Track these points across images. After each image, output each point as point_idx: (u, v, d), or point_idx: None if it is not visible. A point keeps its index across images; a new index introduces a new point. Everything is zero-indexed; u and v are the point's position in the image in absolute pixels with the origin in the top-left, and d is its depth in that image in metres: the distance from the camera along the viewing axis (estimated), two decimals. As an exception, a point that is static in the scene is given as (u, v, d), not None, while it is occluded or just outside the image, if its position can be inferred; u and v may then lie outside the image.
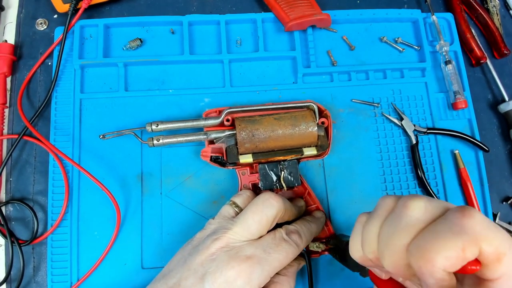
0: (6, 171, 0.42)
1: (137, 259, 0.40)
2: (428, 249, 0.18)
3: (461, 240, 0.18)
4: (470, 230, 0.18)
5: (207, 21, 0.47)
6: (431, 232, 0.19)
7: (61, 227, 0.40)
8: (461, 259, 0.18)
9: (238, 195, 0.37)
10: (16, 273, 0.40)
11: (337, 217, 0.42)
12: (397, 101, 0.47)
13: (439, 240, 0.18)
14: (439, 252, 0.18)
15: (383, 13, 0.49)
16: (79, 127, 0.43)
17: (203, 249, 0.31)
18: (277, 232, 0.33)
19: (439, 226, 0.19)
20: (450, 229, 0.18)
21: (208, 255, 0.31)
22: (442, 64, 0.48)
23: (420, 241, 0.19)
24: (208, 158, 0.40)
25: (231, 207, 0.35)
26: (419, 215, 0.21)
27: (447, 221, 0.19)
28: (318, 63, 0.47)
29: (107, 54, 0.45)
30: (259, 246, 0.31)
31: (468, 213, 0.19)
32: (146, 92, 0.44)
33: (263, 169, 0.39)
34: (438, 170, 0.45)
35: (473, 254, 0.18)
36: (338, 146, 0.44)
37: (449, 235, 0.18)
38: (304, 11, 0.46)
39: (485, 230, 0.18)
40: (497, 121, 0.50)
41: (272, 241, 0.32)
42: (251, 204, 0.34)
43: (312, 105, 0.41)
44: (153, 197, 0.42)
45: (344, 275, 0.41)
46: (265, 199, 0.33)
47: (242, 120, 0.39)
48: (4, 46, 0.44)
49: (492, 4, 0.53)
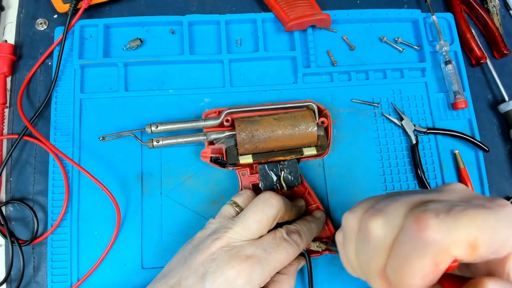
0: (6, 171, 0.42)
1: (137, 259, 0.40)
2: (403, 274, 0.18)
3: (429, 256, 0.17)
4: (432, 242, 0.17)
5: (207, 21, 0.47)
6: (399, 253, 0.19)
7: (61, 227, 0.40)
8: (438, 271, 0.18)
9: (239, 194, 0.37)
10: (16, 273, 0.40)
11: (337, 217, 0.42)
12: (397, 101, 0.47)
13: (409, 262, 0.18)
14: (414, 274, 0.18)
15: (383, 13, 0.49)
16: (79, 127, 0.43)
17: (203, 249, 0.31)
18: (277, 231, 0.33)
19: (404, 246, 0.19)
20: (415, 247, 0.18)
21: (209, 255, 0.31)
22: (442, 64, 0.48)
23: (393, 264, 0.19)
24: (208, 159, 0.40)
25: (231, 206, 0.35)
26: (382, 235, 0.20)
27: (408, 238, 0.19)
28: (318, 63, 0.47)
29: (107, 54, 0.45)
30: (260, 245, 0.31)
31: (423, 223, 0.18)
32: (146, 92, 0.44)
33: (263, 169, 0.39)
34: (438, 170, 0.45)
35: (447, 261, 0.18)
36: (338, 146, 0.44)
37: (416, 254, 0.18)
38: (304, 11, 0.46)
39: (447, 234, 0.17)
40: (497, 121, 0.50)
41: (272, 241, 0.32)
42: (251, 204, 0.34)
43: (311, 105, 0.41)
44: (153, 197, 0.42)
45: (344, 275, 0.41)
46: (266, 198, 0.33)
47: (242, 121, 0.39)
48: (4, 46, 0.44)
49: (492, 4, 0.53)
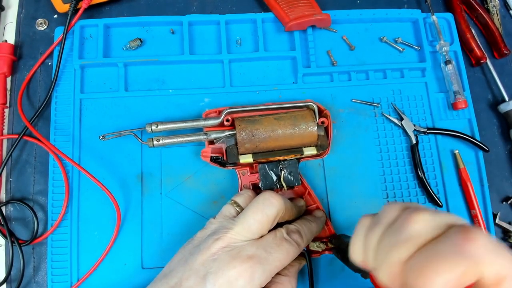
0: (6, 171, 0.42)
1: (137, 259, 0.40)
2: (428, 269, 0.18)
3: (463, 264, 0.17)
4: (472, 254, 0.18)
5: (207, 21, 0.47)
6: (432, 251, 0.19)
7: (61, 227, 0.40)
8: (460, 283, 0.18)
9: (239, 194, 0.37)
10: (16, 273, 0.40)
11: (337, 217, 0.42)
12: (397, 101, 0.47)
13: (440, 261, 0.18)
14: (439, 274, 0.18)
15: (383, 13, 0.49)
16: (79, 127, 0.43)
17: (204, 249, 0.31)
18: (277, 231, 0.33)
19: (441, 246, 0.19)
20: (453, 251, 0.18)
21: (210, 255, 0.31)
22: (442, 64, 0.48)
23: (420, 258, 0.19)
24: (208, 159, 0.40)
25: (232, 206, 0.35)
26: (421, 229, 0.20)
27: (450, 240, 0.19)
28: (318, 63, 0.47)
29: (107, 54, 0.45)
30: (260, 245, 0.31)
31: (471, 235, 0.18)
32: (146, 92, 0.44)
33: (263, 169, 0.39)
34: (438, 170, 0.45)
35: (473, 278, 0.18)
36: (338, 146, 0.44)
37: (451, 257, 0.18)
38: (304, 11, 0.46)
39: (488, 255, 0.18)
40: (497, 121, 0.50)
41: (273, 241, 0.32)
42: (251, 204, 0.34)
43: (312, 105, 0.41)
44: (153, 197, 0.42)
45: (345, 275, 0.41)
46: (266, 198, 0.33)
47: (242, 120, 0.39)
48: (4, 46, 0.44)
49: (492, 4, 0.53)
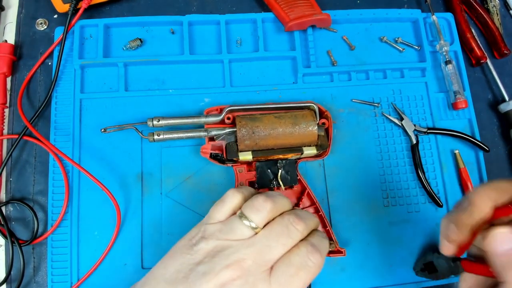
0: (6, 171, 0.42)
1: (137, 259, 0.40)
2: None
3: None
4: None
5: (207, 21, 0.47)
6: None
7: (61, 227, 0.40)
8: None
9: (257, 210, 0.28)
10: (16, 273, 0.40)
11: (337, 217, 0.42)
12: (397, 101, 0.47)
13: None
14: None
15: (383, 13, 0.49)
16: (79, 127, 0.43)
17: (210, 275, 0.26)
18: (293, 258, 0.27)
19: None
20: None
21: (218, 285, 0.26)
22: (442, 64, 0.48)
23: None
24: (207, 155, 0.40)
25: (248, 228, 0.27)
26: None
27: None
28: (318, 63, 0.47)
29: (107, 54, 0.45)
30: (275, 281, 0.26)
31: None
32: (146, 92, 0.44)
33: (261, 167, 0.39)
34: (438, 170, 0.45)
35: None
36: (338, 146, 0.44)
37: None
38: (304, 11, 0.46)
39: None
40: (497, 121, 0.50)
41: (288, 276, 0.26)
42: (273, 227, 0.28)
43: (312, 106, 0.41)
44: (153, 197, 0.42)
45: (345, 275, 0.41)
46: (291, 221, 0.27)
47: (243, 118, 0.39)
48: (4, 46, 0.44)
49: (492, 4, 0.53)
